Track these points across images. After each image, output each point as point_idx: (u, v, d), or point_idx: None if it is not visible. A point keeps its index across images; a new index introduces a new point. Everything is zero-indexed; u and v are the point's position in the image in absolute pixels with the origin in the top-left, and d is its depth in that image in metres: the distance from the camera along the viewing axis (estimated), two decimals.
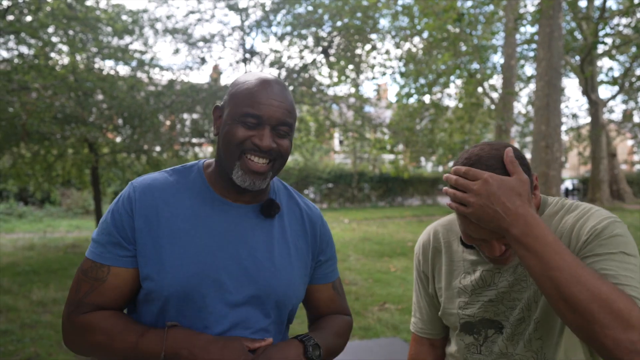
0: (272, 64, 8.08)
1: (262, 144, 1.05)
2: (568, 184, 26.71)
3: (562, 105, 9.39)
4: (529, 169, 1.07)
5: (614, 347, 0.89)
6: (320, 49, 8.03)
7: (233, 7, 7.76)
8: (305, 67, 8.21)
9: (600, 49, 15.55)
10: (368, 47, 8.89)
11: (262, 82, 1.09)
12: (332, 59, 8.37)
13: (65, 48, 7.96)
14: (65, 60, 8.05)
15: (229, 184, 1.12)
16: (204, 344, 1.01)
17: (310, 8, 7.96)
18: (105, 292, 1.07)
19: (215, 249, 1.08)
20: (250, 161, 1.07)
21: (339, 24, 7.75)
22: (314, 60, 8.26)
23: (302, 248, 1.20)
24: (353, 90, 10.49)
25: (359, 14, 7.71)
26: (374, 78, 9.97)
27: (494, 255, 1.09)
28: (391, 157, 15.60)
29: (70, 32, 7.95)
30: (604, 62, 51.77)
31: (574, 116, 21.34)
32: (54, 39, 7.96)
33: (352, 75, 9.65)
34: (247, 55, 8.00)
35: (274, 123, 1.07)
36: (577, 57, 16.13)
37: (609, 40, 14.46)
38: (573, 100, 52.37)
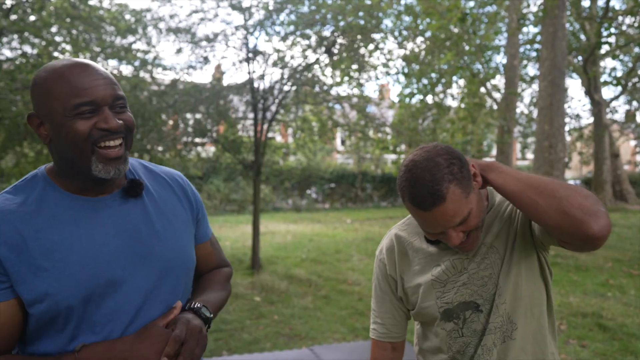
0: (274, 64, 8.06)
1: (110, 126, 1.01)
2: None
3: (565, 106, 9.36)
4: (460, 160, 1.17)
5: (580, 212, 1.03)
6: (323, 48, 8.01)
7: (236, 7, 7.74)
8: (308, 67, 8.20)
9: (604, 49, 15.49)
10: (371, 47, 8.86)
11: (74, 67, 1.02)
12: (335, 58, 8.34)
13: (68, 47, 7.96)
14: None
15: (84, 182, 1.07)
16: (126, 347, 1.00)
17: (313, 7, 7.93)
18: None
19: (98, 246, 1.04)
20: (105, 150, 1.03)
21: (342, 23, 7.73)
22: (317, 59, 8.24)
23: (181, 213, 1.21)
24: (356, 90, 10.45)
25: (361, 14, 7.69)
26: (376, 78, 9.96)
27: (455, 244, 1.19)
28: (394, 157, 15.58)
29: (74, 32, 7.94)
30: (607, 63, 51.61)
31: (577, 116, 21.25)
32: (58, 39, 7.95)
33: (356, 75, 9.62)
34: (250, 55, 7.97)
35: (110, 101, 1.03)
36: (580, 58, 16.08)
37: (612, 40, 14.39)
38: (576, 100, 52.23)
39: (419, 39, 13.37)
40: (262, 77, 8.08)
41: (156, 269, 1.10)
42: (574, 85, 65.32)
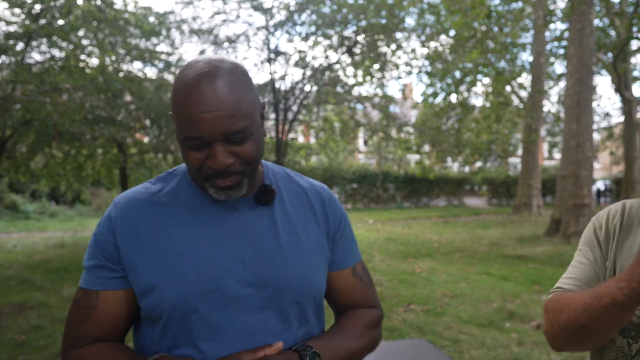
0: (296, 64, 8.08)
1: (216, 166, 0.89)
2: (600, 185, 25.96)
3: (594, 104, 9.14)
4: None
5: None
6: (344, 48, 7.99)
7: (258, 8, 7.79)
8: (330, 67, 8.20)
9: (635, 45, 15.07)
10: (393, 46, 8.81)
11: (191, 89, 0.88)
12: (356, 58, 8.32)
13: (95, 50, 8.14)
14: (95, 61, 8.24)
15: None
16: None
17: (334, 7, 7.93)
18: (98, 320, 0.96)
19: (215, 250, 0.96)
20: (217, 180, 0.93)
21: (363, 23, 7.71)
22: (339, 59, 8.23)
23: (314, 230, 1.05)
24: (378, 90, 10.42)
25: (383, 13, 7.65)
26: (399, 77, 9.89)
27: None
28: (416, 157, 15.46)
29: (100, 35, 8.12)
30: (639, 59, 50.06)
31: (607, 115, 20.72)
32: (84, 42, 8.14)
33: (378, 74, 9.59)
34: (272, 55, 8.02)
35: (220, 138, 0.88)
36: (610, 54, 15.67)
37: None
38: (605, 98, 50.95)
39: (442, 37, 13.23)
40: (283, 77, 8.12)
41: (269, 290, 0.97)
42: (603, 83, 63.67)
